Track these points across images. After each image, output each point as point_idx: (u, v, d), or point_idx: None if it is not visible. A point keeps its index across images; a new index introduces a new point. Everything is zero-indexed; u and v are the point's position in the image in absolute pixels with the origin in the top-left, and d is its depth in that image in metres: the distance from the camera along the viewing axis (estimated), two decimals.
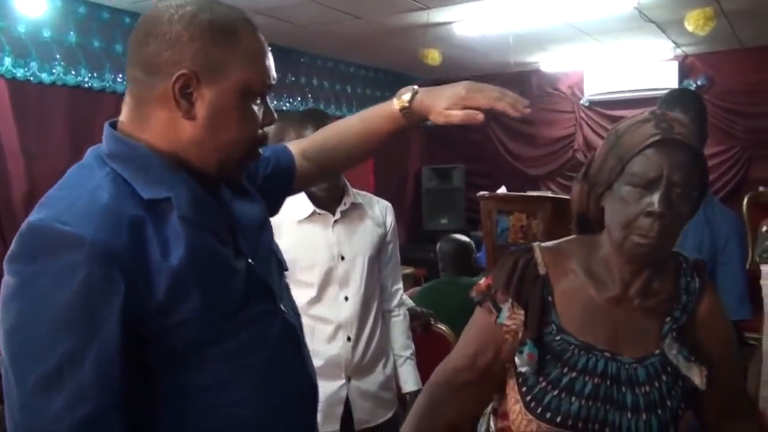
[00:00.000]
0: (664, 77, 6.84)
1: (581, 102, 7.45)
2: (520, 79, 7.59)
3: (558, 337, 1.42)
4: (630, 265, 1.40)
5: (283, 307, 1.33)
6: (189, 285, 1.13)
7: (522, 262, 1.46)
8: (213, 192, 1.26)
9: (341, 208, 2.47)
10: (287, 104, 6.10)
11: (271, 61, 1.27)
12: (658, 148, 1.32)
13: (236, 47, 1.20)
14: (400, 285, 2.67)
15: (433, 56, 6.12)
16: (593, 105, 7.39)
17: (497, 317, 1.45)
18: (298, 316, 1.42)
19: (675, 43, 6.26)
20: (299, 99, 6.28)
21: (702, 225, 2.34)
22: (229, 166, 1.25)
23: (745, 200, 5.61)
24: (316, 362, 2.21)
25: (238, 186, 1.38)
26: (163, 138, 1.20)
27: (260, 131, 1.27)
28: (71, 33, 4.39)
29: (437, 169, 7.98)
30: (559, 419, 1.37)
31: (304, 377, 1.36)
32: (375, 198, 2.66)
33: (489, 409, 1.61)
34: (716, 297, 1.48)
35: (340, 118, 3.52)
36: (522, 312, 1.42)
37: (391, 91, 6.79)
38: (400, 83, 7.61)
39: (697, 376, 1.39)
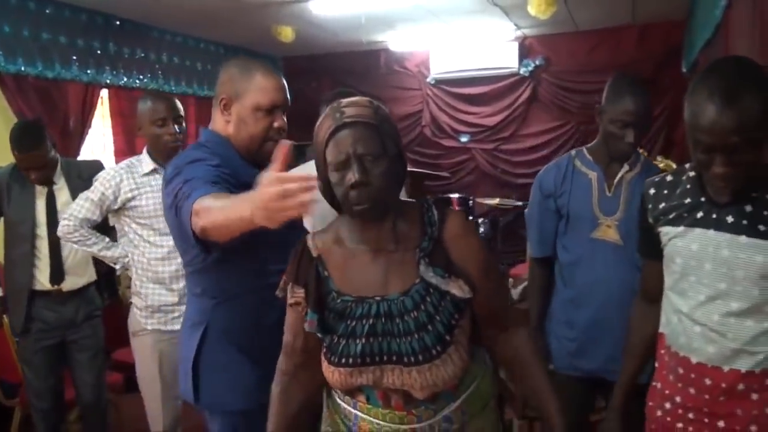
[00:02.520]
0: (505, 57, 7.22)
1: (428, 80, 7.70)
2: (370, 57, 7.76)
3: (339, 300, 1.72)
4: (370, 226, 1.72)
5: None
6: None
7: (299, 251, 1.78)
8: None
9: None
10: (137, 81, 5.92)
11: (278, 90, 2.17)
12: (337, 135, 1.65)
13: (251, 83, 2.14)
14: None
15: (287, 33, 6.14)
16: (439, 83, 7.67)
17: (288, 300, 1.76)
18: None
19: (516, 25, 6.59)
20: (149, 75, 6.09)
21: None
22: (253, 151, 2.16)
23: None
24: None
25: None
26: (223, 132, 2.17)
27: (272, 130, 2.16)
28: None
29: (293, 147, 7.90)
30: (350, 361, 1.68)
31: None
32: None
33: None
34: (460, 222, 1.79)
35: (189, 96, 3.53)
36: (302, 290, 1.74)
37: None
38: None
39: (456, 288, 1.70)
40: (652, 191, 1.97)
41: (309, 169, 2.91)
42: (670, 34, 6.52)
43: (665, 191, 1.93)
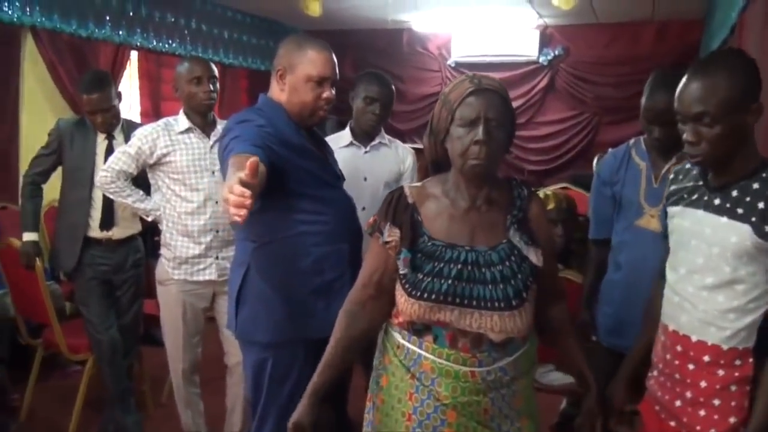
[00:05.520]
0: (525, 45, 7.32)
1: (448, 63, 7.83)
2: (393, 36, 7.88)
3: (430, 243, 1.92)
4: (472, 184, 1.92)
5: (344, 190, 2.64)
6: (296, 159, 2.40)
7: (395, 197, 1.98)
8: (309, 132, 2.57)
9: (372, 143, 3.55)
10: (166, 45, 6.08)
11: (328, 64, 2.45)
12: (474, 96, 1.83)
13: (304, 56, 2.44)
14: None
15: (314, 8, 6.24)
16: (459, 66, 7.76)
17: (381, 238, 1.94)
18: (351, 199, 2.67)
19: (539, 13, 6.70)
20: (178, 40, 6.23)
21: None
22: (304, 117, 2.48)
23: (595, 160, 6.17)
24: None
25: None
26: (278, 99, 2.48)
27: (321, 99, 2.46)
28: None
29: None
30: (433, 296, 1.87)
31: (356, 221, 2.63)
32: (400, 143, 3.76)
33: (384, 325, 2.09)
34: (541, 203, 2.06)
35: (216, 63, 3.75)
36: (398, 230, 1.93)
37: (266, 40, 7.01)
38: (278, 32, 7.84)
39: (533, 256, 1.93)
40: (671, 176, 2.17)
41: (331, 141, 3.15)
42: (687, 33, 6.63)
43: (681, 177, 2.12)
